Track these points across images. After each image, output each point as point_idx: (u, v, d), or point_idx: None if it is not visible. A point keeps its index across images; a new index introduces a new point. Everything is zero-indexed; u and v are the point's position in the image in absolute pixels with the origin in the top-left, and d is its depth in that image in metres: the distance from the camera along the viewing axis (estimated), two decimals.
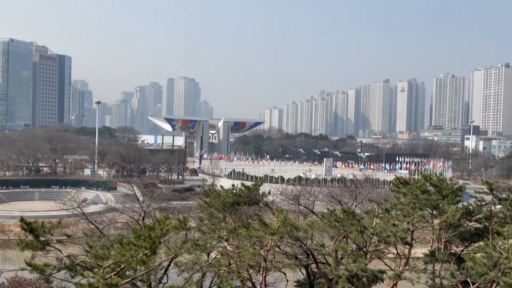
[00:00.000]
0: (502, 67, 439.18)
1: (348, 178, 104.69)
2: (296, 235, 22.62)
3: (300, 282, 33.00)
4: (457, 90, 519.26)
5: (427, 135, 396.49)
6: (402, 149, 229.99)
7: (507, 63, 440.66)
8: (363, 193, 60.57)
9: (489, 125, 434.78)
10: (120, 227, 44.18)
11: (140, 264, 17.18)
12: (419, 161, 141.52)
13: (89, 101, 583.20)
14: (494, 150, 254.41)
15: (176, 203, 68.32)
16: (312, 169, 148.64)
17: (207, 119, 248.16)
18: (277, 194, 58.19)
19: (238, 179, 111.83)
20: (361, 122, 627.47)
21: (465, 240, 26.58)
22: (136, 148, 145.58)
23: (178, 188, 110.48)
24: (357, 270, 20.73)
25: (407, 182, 27.22)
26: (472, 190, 28.61)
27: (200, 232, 28.52)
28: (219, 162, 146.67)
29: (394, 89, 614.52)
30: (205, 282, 28.87)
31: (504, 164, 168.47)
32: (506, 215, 25.77)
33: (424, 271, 23.25)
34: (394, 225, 22.85)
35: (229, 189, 31.27)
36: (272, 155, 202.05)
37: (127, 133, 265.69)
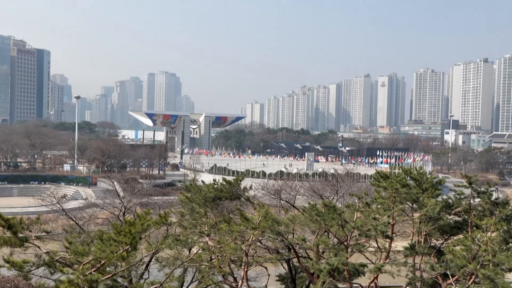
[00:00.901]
0: (480, 62, 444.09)
1: (330, 172, 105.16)
2: (277, 230, 22.62)
3: (282, 276, 33.06)
4: (436, 85, 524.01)
5: (407, 130, 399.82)
6: (383, 143, 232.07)
7: (485, 58, 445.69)
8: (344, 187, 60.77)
9: (468, 120, 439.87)
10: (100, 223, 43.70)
11: (120, 260, 17.03)
12: (399, 155, 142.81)
13: (69, 96, 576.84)
14: (473, 144, 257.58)
15: (157, 199, 67.95)
16: (293, 163, 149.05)
17: (188, 114, 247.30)
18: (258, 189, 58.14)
19: (220, 174, 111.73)
20: (342, 117, 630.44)
21: (445, 233, 26.84)
22: (117, 143, 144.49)
23: (159, 183, 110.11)
24: (338, 264, 20.81)
25: (387, 176, 27.37)
26: (451, 184, 28.88)
27: (182, 227, 28.40)
28: (201, 157, 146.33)
29: (374, 83, 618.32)
30: (186, 278, 28.74)
31: (482, 158, 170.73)
32: (484, 209, 26.05)
33: (405, 264, 23.45)
34: (374, 218, 22.97)
35: (211, 184, 31.19)
36: (254, 150, 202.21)
37: (108, 128, 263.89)
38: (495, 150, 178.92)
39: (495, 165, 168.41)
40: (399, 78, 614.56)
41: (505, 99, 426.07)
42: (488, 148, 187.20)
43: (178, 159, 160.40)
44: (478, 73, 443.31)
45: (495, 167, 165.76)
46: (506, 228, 23.82)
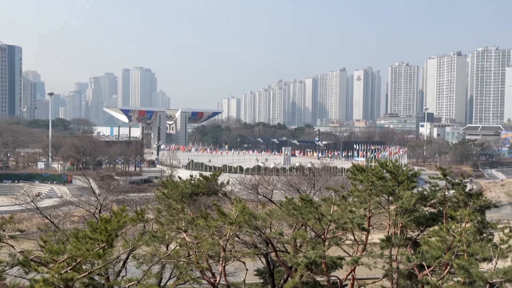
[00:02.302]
0: (454, 55, 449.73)
1: (306, 166, 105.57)
2: (254, 224, 22.62)
3: (260, 270, 33.11)
4: (411, 78, 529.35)
5: (383, 123, 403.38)
6: (359, 137, 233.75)
7: (459, 51, 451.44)
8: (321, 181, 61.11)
9: (443, 112, 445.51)
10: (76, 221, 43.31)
11: (96, 258, 16.82)
12: (375, 149, 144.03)
13: (42, 92, 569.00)
14: (448, 137, 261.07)
15: (134, 195, 67.52)
16: (270, 158, 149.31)
17: (164, 110, 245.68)
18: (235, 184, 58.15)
19: (197, 169, 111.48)
20: (319, 111, 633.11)
21: (421, 225, 27.12)
22: (92, 140, 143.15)
23: (135, 180, 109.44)
24: (315, 257, 20.89)
25: (363, 169, 27.52)
26: (427, 176, 29.17)
27: (159, 223, 28.23)
28: (177, 153, 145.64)
29: (350, 77, 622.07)
30: (164, 274, 28.60)
31: (457, 150, 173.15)
32: (459, 200, 26.37)
33: (381, 256, 23.63)
34: (351, 211, 23.09)
35: (187, 179, 31.04)
36: (231, 145, 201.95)
37: (82, 125, 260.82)
38: (469, 142, 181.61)
39: (469, 157, 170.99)
40: (374, 72, 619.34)
41: (478, 92, 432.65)
42: (462, 141, 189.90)
43: (155, 155, 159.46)
44: (452, 66, 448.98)
45: (469, 159, 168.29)
46: (479, 219, 24.15)
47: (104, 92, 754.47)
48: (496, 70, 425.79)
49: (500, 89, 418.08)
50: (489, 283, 20.66)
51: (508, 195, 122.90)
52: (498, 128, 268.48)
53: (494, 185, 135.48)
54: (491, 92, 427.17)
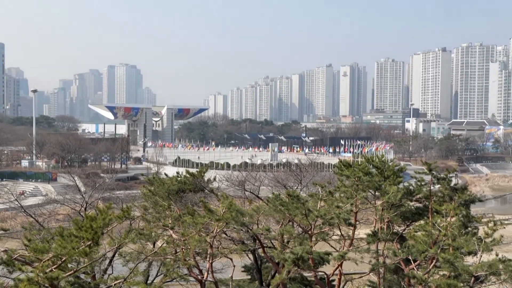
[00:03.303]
0: (439, 51, 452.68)
1: (293, 162, 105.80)
2: (241, 221, 22.57)
3: (248, 267, 33.11)
4: (397, 74, 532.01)
5: (369, 119, 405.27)
6: (346, 132, 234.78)
7: (443, 47, 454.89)
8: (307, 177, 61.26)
9: (428, 108, 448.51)
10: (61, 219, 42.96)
11: (82, 256, 16.69)
12: (362, 144, 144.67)
13: (25, 89, 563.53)
14: (433, 132, 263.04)
15: (120, 193, 67.26)
16: (257, 154, 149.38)
17: (150, 107, 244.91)
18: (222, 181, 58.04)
19: (183, 166, 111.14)
20: (305, 107, 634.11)
21: (407, 220, 27.25)
22: (77, 138, 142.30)
23: (121, 177, 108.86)
24: (302, 253, 20.91)
25: (350, 165, 27.56)
26: (412, 171, 29.32)
27: (145, 221, 28.08)
28: (164, 150, 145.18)
29: (336, 73, 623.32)
30: (151, 272, 28.51)
31: (442, 145, 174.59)
32: (444, 194, 26.54)
33: (368, 250, 23.71)
34: (337, 207, 23.13)
35: (174, 176, 30.89)
36: (218, 142, 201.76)
37: (67, 122, 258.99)
38: (454, 137, 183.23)
39: (455, 152, 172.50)
40: (360, 68, 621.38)
41: (463, 87, 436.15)
42: (447, 136, 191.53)
43: (141, 152, 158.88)
44: (437, 62, 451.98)
45: (455, 154, 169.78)
46: (465, 213, 24.34)
47: (89, 89, 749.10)
48: (480, 66, 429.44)
49: (484, 85, 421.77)
50: (474, 276, 20.83)
51: (492, 189, 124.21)
52: (482, 123, 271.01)
53: (479, 179, 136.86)
54: (475, 88, 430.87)
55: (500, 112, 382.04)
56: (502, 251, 24.59)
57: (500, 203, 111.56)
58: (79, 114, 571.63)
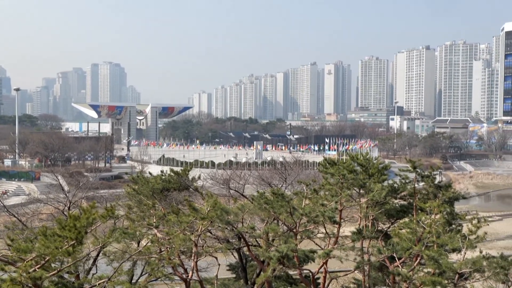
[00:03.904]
0: (423, 49, 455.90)
1: (278, 160, 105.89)
2: (226, 219, 22.49)
3: (233, 265, 33.04)
4: (381, 72, 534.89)
5: (354, 117, 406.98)
6: (330, 130, 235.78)
7: (427, 45, 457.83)
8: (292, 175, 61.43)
9: (412, 106, 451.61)
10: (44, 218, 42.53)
11: (66, 256, 16.52)
12: (346, 142, 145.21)
13: (8, 88, 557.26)
14: (417, 130, 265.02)
15: (104, 192, 66.81)
16: (241, 153, 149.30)
17: (134, 105, 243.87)
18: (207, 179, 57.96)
19: (168, 165, 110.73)
20: (290, 105, 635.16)
21: (391, 217, 27.36)
22: (60, 136, 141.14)
23: (105, 176, 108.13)
24: (287, 251, 20.88)
25: (334, 162, 27.62)
26: (397, 169, 29.45)
27: (129, 220, 27.86)
28: (148, 149, 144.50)
29: (321, 71, 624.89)
30: (136, 271, 28.33)
31: (426, 143, 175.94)
32: (428, 192, 26.67)
33: (352, 248, 23.74)
34: (322, 205, 23.15)
35: (158, 175, 30.69)
36: (202, 140, 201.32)
37: (50, 121, 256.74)
38: (438, 135, 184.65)
39: (439, 150, 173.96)
40: (345, 66, 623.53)
41: (447, 85, 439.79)
42: (431, 133, 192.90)
43: (125, 151, 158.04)
44: (421, 60, 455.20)
45: (439, 152, 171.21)
46: (449, 210, 24.49)
47: (73, 87, 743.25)
48: (463, 64, 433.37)
49: (468, 83, 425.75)
50: (458, 274, 20.98)
51: (476, 186, 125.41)
52: (466, 120, 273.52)
53: (463, 177, 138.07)
54: (459, 86, 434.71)
55: (483, 110, 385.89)
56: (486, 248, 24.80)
57: (484, 200, 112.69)
58: (62, 112, 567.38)
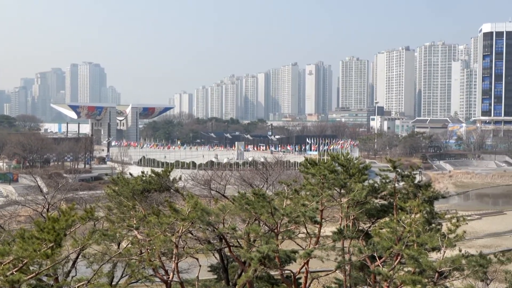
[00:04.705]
0: (403, 50, 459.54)
1: (260, 161, 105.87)
2: (207, 220, 22.42)
3: (214, 266, 32.95)
4: (362, 73, 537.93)
5: (335, 117, 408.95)
6: (312, 131, 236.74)
7: (407, 46, 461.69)
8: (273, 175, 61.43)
9: (392, 106, 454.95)
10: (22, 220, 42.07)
11: (44, 258, 16.31)
12: (327, 142, 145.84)
13: None
14: (398, 130, 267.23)
15: (84, 193, 66.23)
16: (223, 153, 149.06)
17: (114, 105, 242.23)
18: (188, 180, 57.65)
19: (149, 165, 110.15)
20: (271, 106, 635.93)
21: (372, 217, 27.52)
22: (39, 137, 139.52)
23: (85, 178, 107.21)
24: (268, 251, 20.85)
25: (316, 163, 27.68)
26: (377, 169, 29.61)
27: (109, 221, 27.63)
28: (128, 149, 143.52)
29: (302, 72, 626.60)
30: (116, 273, 28.06)
31: (406, 143, 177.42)
32: (408, 191, 26.88)
33: (333, 248, 23.81)
34: (303, 205, 23.18)
35: (139, 176, 30.48)
36: (183, 141, 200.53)
37: (28, 121, 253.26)
38: (418, 135, 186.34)
39: (418, 149, 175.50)
40: (325, 67, 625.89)
41: (426, 86, 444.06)
42: (411, 133, 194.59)
43: (105, 152, 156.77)
44: (401, 60, 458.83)
45: (419, 151, 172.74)
46: (428, 210, 24.70)
47: (52, 88, 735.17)
48: (443, 65, 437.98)
49: (447, 83, 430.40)
50: (438, 272, 21.16)
51: (455, 186, 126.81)
52: (445, 121, 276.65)
53: (443, 176, 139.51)
54: (438, 86, 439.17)
55: (462, 110, 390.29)
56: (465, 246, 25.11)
57: (463, 199, 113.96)
58: (41, 113, 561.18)
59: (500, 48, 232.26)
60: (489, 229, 75.59)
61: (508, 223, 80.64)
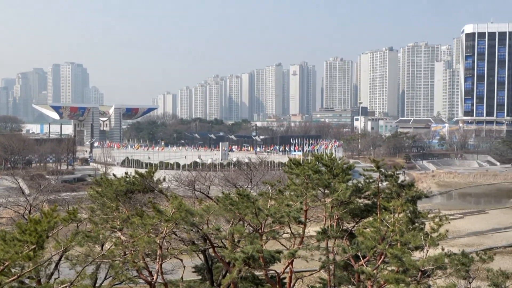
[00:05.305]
0: (386, 50, 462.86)
1: (244, 161, 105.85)
2: (191, 221, 22.35)
3: (198, 267, 32.86)
4: (346, 73, 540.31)
5: (319, 117, 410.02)
6: (296, 131, 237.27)
7: (390, 46, 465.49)
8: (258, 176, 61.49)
9: (376, 106, 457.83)
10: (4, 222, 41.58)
11: (26, 260, 16.14)
12: (312, 142, 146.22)
13: None
14: (381, 130, 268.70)
15: (66, 195, 65.54)
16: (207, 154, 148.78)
17: (97, 106, 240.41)
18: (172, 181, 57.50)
19: (132, 166, 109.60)
20: (256, 106, 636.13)
21: (356, 216, 27.65)
22: (20, 138, 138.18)
23: (68, 179, 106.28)
24: (253, 252, 20.85)
25: (300, 163, 27.75)
26: (361, 169, 29.77)
27: (92, 223, 27.42)
28: (112, 150, 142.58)
29: (286, 72, 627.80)
30: (100, 275, 27.86)
31: (390, 143, 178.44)
32: (392, 191, 27.05)
33: (318, 248, 23.86)
34: (288, 205, 23.22)
35: (122, 177, 30.31)
36: (167, 141, 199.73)
37: (10, 122, 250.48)
38: (401, 135, 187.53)
39: (402, 149, 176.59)
40: (310, 67, 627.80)
41: (409, 86, 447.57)
42: (395, 133, 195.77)
43: (88, 153, 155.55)
44: (384, 61, 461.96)
45: (402, 151, 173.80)
46: (412, 209, 24.87)
47: (33, 88, 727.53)
48: (426, 65, 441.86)
49: (430, 83, 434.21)
50: (421, 271, 21.29)
51: (438, 185, 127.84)
52: (428, 121, 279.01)
53: (426, 176, 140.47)
54: (421, 86, 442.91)
55: (445, 110, 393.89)
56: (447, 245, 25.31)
57: (445, 198, 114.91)
58: (23, 114, 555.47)
59: (482, 49, 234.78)
60: (472, 228, 76.32)
61: (490, 222, 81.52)
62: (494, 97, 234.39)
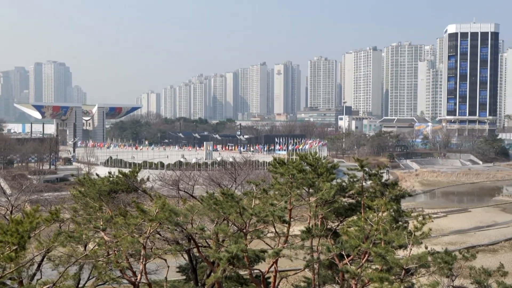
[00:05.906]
0: (370, 50, 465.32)
1: (228, 161, 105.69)
2: (175, 220, 22.23)
3: (183, 267, 32.75)
4: (330, 73, 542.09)
5: (303, 117, 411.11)
6: (280, 130, 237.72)
7: (374, 46, 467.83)
8: (242, 175, 61.36)
9: (360, 106, 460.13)
10: None
11: (8, 261, 15.97)
12: (296, 142, 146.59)
13: None
14: (365, 129, 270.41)
15: (49, 195, 64.91)
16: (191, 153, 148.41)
17: (80, 105, 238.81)
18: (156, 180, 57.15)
19: (116, 166, 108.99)
20: (240, 105, 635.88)
21: (340, 215, 27.71)
22: (1, 138, 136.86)
23: (50, 179, 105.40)
24: (237, 251, 20.81)
25: (284, 162, 27.75)
26: (345, 168, 29.86)
27: (75, 223, 27.15)
28: (95, 150, 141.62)
29: (271, 72, 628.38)
30: (83, 275, 27.62)
31: (374, 142, 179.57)
32: (375, 190, 27.14)
33: (302, 247, 23.89)
34: (272, 204, 23.18)
35: (106, 177, 30.09)
36: (151, 141, 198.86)
37: None
38: (385, 134, 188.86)
39: (386, 149, 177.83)
40: (294, 66, 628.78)
41: (393, 86, 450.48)
42: (379, 133, 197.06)
43: (71, 152, 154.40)
44: (368, 61, 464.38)
45: (386, 150, 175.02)
46: (395, 208, 24.98)
47: (15, 87, 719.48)
48: (409, 65, 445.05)
49: (413, 83, 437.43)
50: (404, 269, 21.39)
51: (422, 184, 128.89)
52: (412, 120, 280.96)
53: (409, 175, 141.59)
54: (405, 86, 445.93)
55: (428, 110, 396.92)
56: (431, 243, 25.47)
57: (429, 197, 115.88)
58: (4, 113, 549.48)
59: (465, 48, 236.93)
60: (455, 226, 77.04)
61: (472, 220, 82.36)
62: (477, 97, 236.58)
